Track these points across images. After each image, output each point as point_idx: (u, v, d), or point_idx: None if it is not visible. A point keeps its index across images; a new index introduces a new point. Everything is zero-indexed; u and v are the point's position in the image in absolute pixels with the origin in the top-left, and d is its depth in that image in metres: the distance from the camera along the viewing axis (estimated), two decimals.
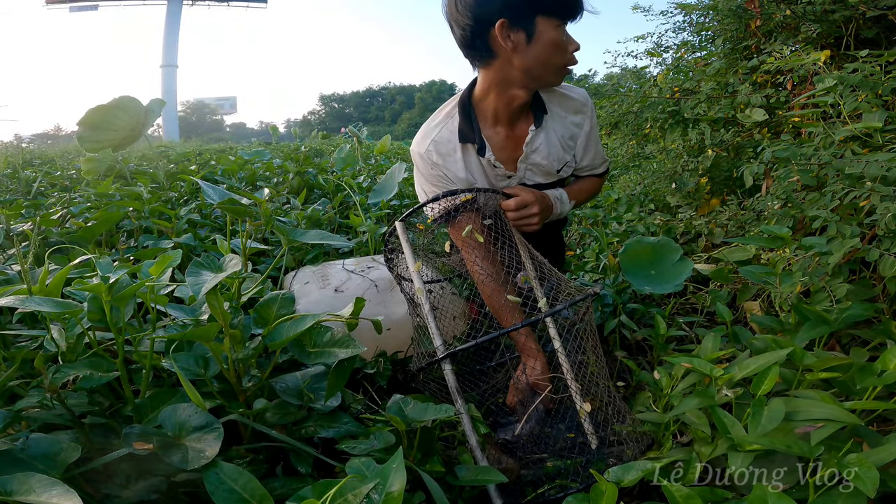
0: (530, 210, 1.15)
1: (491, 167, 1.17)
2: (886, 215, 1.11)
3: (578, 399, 1.12)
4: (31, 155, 6.12)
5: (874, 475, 0.68)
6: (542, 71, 1.06)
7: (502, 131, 1.17)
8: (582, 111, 1.23)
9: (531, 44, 1.01)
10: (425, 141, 1.18)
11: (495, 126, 1.16)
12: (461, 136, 1.15)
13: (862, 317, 1.10)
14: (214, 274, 0.88)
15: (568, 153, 1.24)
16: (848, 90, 1.40)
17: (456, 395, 1.05)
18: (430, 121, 1.22)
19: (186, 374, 0.88)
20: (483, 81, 1.13)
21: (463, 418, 1.03)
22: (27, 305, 0.82)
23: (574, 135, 1.23)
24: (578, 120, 1.22)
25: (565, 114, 1.21)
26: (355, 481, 0.65)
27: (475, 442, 1.01)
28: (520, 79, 1.07)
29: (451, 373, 1.06)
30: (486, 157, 1.15)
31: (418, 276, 1.15)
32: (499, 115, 1.15)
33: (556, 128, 1.20)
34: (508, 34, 1.00)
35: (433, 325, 1.11)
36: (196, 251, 1.77)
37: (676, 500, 0.76)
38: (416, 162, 1.23)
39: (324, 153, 6.28)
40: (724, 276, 1.67)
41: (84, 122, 2.84)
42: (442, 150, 1.17)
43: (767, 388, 0.88)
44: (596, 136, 1.28)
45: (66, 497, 0.59)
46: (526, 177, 1.23)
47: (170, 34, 37.94)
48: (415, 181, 1.31)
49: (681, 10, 2.78)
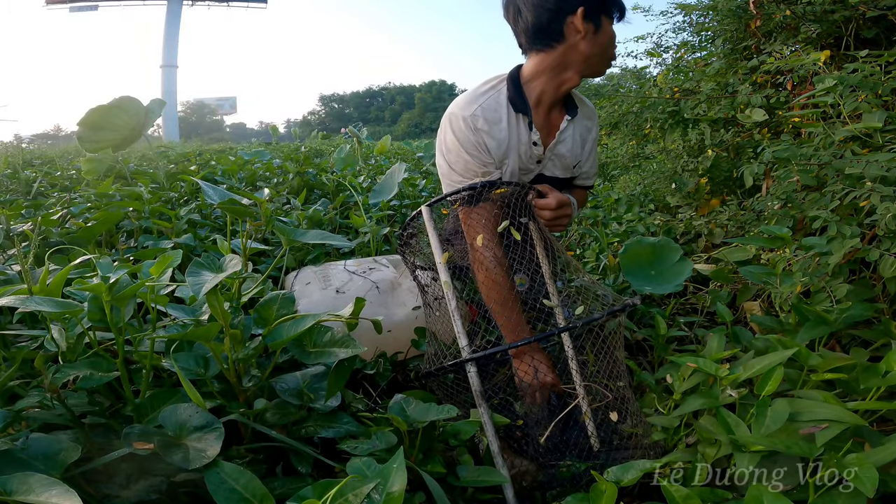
0: (565, 210, 1.20)
1: (531, 145, 1.21)
2: (886, 215, 1.11)
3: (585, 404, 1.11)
4: (31, 155, 6.12)
5: (874, 475, 0.68)
6: (599, 59, 1.16)
7: (542, 114, 1.22)
8: (592, 118, 1.33)
9: (597, 34, 1.13)
10: (471, 106, 1.19)
11: (536, 108, 1.21)
12: (514, 106, 1.18)
13: (862, 317, 1.10)
14: (215, 274, 0.88)
15: (578, 153, 1.30)
16: (848, 90, 1.40)
17: (480, 400, 1.00)
18: (475, 90, 1.23)
19: (187, 374, 0.88)
20: (537, 64, 1.19)
21: (485, 424, 0.99)
22: (28, 305, 0.82)
23: (585, 139, 1.30)
24: (590, 125, 1.32)
25: (583, 117, 1.30)
26: (356, 481, 0.65)
27: (497, 448, 0.98)
28: (578, 63, 1.16)
29: (475, 376, 1.01)
30: (533, 131, 1.20)
31: (445, 268, 1.06)
32: (542, 99, 1.20)
33: (578, 127, 1.28)
34: (583, 23, 1.11)
35: (459, 324, 1.04)
36: (196, 251, 1.77)
37: (675, 499, 0.76)
38: (455, 126, 1.19)
39: (324, 153, 6.28)
40: (724, 277, 1.67)
41: (84, 122, 2.85)
42: (489, 117, 1.18)
43: (772, 388, 0.88)
44: (596, 145, 1.36)
45: (66, 497, 0.59)
46: (546, 168, 1.27)
47: (170, 34, 37.96)
48: (438, 153, 1.26)
49: (681, 11, 2.78)
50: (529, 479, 1.04)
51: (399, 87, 77.04)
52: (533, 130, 1.19)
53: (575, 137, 1.27)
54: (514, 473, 1.03)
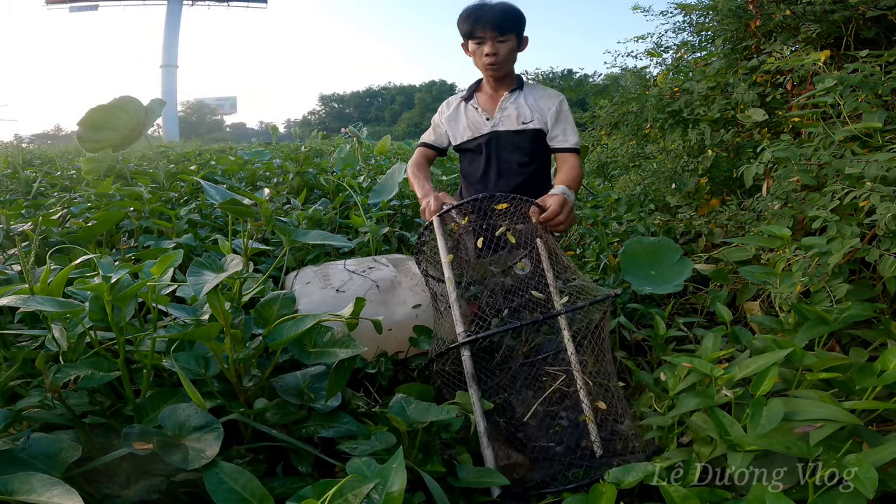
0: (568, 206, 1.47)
1: (474, 110, 1.80)
2: (886, 215, 1.11)
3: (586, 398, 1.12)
4: (31, 155, 6.12)
5: (873, 475, 0.68)
6: (479, 67, 1.75)
7: (489, 93, 1.82)
8: (553, 98, 1.76)
9: (470, 54, 1.73)
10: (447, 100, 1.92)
11: (486, 91, 1.83)
12: (464, 98, 1.85)
13: (862, 317, 1.10)
14: (216, 274, 0.88)
15: (534, 115, 1.73)
16: (848, 90, 1.40)
17: (471, 381, 1.07)
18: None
19: (187, 374, 0.89)
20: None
21: (474, 405, 1.04)
22: (29, 305, 0.82)
23: (542, 108, 1.75)
24: (548, 103, 1.76)
25: (536, 98, 1.77)
26: (355, 481, 0.65)
27: (483, 428, 1.02)
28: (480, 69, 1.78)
29: (468, 359, 1.08)
30: (469, 102, 1.82)
31: (449, 266, 1.26)
32: (484, 88, 1.84)
33: (526, 99, 1.77)
34: (465, 48, 1.74)
35: (457, 313, 1.15)
36: (197, 251, 1.77)
37: (674, 500, 0.76)
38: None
39: (324, 153, 6.28)
40: (724, 276, 1.67)
41: (84, 122, 2.85)
42: (451, 102, 1.89)
43: (767, 388, 0.88)
44: (566, 116, 1.75)
45: (67, 496, 0.59)
46: (499, 126, 1.76)
47: (170, 34, 37.94)
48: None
49: (681, 11, 2.78)
50: (522, 472, 1.06)
51: (399, 86, 76.98)
52: (470, 102, 1.83)
53: (520, 104, 1.75)
54: (506, 465, 1.05)
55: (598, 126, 3.09)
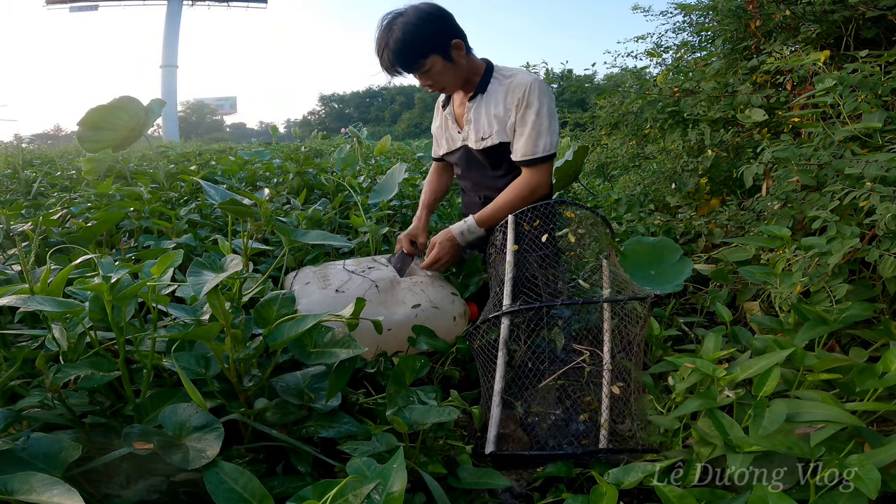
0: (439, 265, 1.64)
1: (449, 120, 1.75)
2: (886, 215, 1.11)
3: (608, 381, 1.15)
4: (31, 155, 6.11)
5: (875, 476, 0.68)
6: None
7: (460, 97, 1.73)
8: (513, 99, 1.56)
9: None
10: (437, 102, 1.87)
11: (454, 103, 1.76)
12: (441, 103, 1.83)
13: (862, 317, 1.10)
14: (216, 274, 0.88)
15: (492, 128, 1.59)
16: (848, 90, 1.40)
17: (503, 346, 1.18)
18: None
19: (187, 374, 0.88)
20: None
21: (499, 366, 1.15)
22: (29, 305, 0.82)
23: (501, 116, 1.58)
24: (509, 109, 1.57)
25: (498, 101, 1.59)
26: (356, 481, 0.65)
27: (499, 388, 1.11)
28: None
29: (506, 328, 1.21)
30: (446, 111, 1.77)
31: (511, 253, 1.40)
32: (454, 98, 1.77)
33: (487, 106, 1.61)
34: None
35: (509, 288, 1.29)
36: (197, 251, 1.77)
37: (670, 500, 0.76)
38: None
39: (324, 153, 6.28)
40: (724, 277, 1.67)
41: (84, 122, 2.85)
42: (437, 108, 1.86)
43: (769, 389, 0.88)
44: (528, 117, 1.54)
45: (68, 496, 0.59)
46: (468, 134, 1.68)
47: (170, 34, 37.94)
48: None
49: (681, 11, 2.78)
50: (516, 445, 1.11)
51: (399, 87, 76.91)
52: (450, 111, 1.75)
53: (480, 115, 1.62)
54: (506, 433, 1.12)
55: (598, 126, 3.09)
